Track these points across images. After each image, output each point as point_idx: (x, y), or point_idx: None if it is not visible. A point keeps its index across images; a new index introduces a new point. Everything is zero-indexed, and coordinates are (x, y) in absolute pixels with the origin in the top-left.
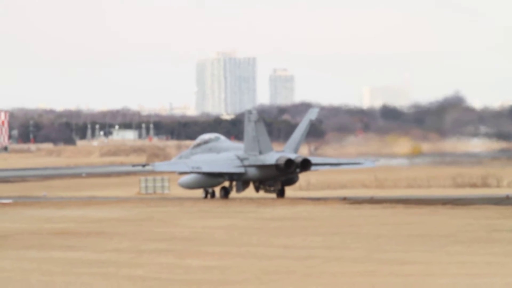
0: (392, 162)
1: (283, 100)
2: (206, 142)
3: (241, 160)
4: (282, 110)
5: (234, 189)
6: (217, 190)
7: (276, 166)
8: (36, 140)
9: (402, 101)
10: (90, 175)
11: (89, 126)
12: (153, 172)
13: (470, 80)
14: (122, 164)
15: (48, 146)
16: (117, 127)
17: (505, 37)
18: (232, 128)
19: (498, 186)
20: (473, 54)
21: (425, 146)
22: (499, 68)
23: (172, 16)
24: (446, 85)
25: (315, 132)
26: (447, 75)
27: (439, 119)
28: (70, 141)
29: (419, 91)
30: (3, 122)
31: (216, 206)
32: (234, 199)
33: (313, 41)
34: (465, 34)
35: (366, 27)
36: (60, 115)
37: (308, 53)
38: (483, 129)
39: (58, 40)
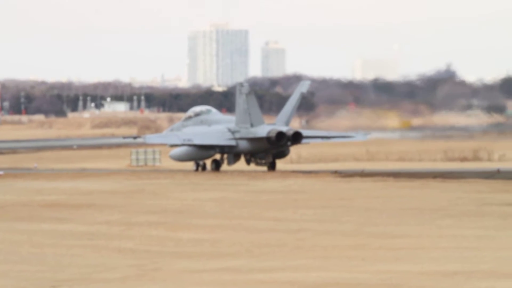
0: (384, 136)
1: (275, 72)
2: (197, 114)
3: (233, 132)
4: (274, 82)
5: (225, 161)
6: (208, 162)
7: (267, 139)
8: (28, 111)
9: (394, 73)
10: (81, 147)
11: (80, 98)
12: (144, 145)
13: (462, 49)
14: (113, 136)
15: (40, 117)
16: (108, 99)
17: (497, 7)
18: (224, 100)
19: (489, 159)
20: (465, 23)
21: (416, 120)
22: (491, 39)
23: None
24: (438, 55)
25: (307, 105)
26: (438, 45)
27: (430, 93)
28: (61, 113)
29: (410, 62)
30: None
31: (207, 179)
32: (225, 171)
33: (305, 13)
34: (457, 3)
35: None
36: (52, 86)
37: (300, 26)
38: (474, 102)
39: (49, 11)
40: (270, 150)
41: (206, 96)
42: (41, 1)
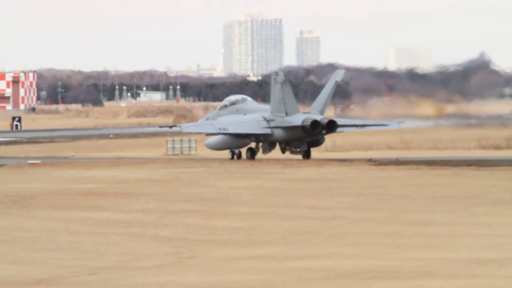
0: (418, 124)
1: (309, 61)
2: (232, 103)
3: (268, 121)
4: (308, 71)
5: (261, 150)
6: (243, 151)
7: (302, 128)
8: (64, 101)
9: (428, 62)
10: (117, 136)
11: (116, 87)
12: (180, 133)
13: (497, 35)
14: (149, 125)
15: (76, 107)
16: (144, 88)
17: None
18: (259, 89)
19: None
20: (500, 8)
21: (450, 108)
22: None
23: None
24: (472, 43)
25: (341, 94)
26: (473, 33)
27: (464, 82)
28: (97, 102)
29: (444, 50)
30: (31, 83)
31: (243, 167)
32: (260, 160)
33: (339, 3)
34: None
35: None
36: (88, 76)
37: (334, 15)
38: (508, 91)
39: (87, 1)
40: (305, 139)
41: (241, 85)
42: None
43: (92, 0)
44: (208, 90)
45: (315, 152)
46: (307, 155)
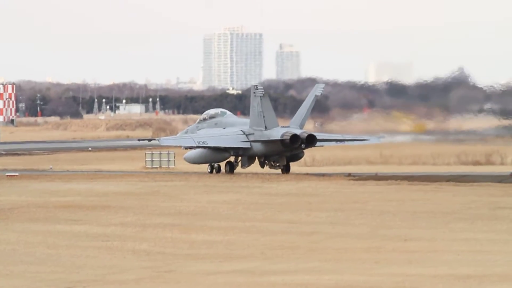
0: (397, 139)
1: (289, 75)
2: (212, 117)
3: (247, 135)
4: (288, 85)
5: (240, 164)
6: (222, 165)
7: (281, 142)
8: (43, 113)
9: (408, 77)
10: (96, 149)
11: (96, 100)
12: (159, 147)
13: (476, 54)
14: (128, 138)
15: (55, 119)
16: (124, 101)
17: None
18: (238, 103)
19: (502, 163)
20: (478, 27)
21: (430, 124)
22: (506, 43)
23: None
24: (451, 58)
25: (321, 108)
26: (452, 49)
27: (444, 97)
28: (77, 114)
29: (424, 65)
30: (10, 95)
31: (222, 181)
32: (239, 174)
33: (319, 17)
34: (472, 8)
35: (370, 2)
36: (67, 88)
37: (315, 29)
38: (487, 106)
39: (65, 14)
40: (284, 153)
41: (221, 99)
42: (58, 7)
43: (71, 12)
44: (188, 103)
45: (294, 166)
46: (286, 169)
